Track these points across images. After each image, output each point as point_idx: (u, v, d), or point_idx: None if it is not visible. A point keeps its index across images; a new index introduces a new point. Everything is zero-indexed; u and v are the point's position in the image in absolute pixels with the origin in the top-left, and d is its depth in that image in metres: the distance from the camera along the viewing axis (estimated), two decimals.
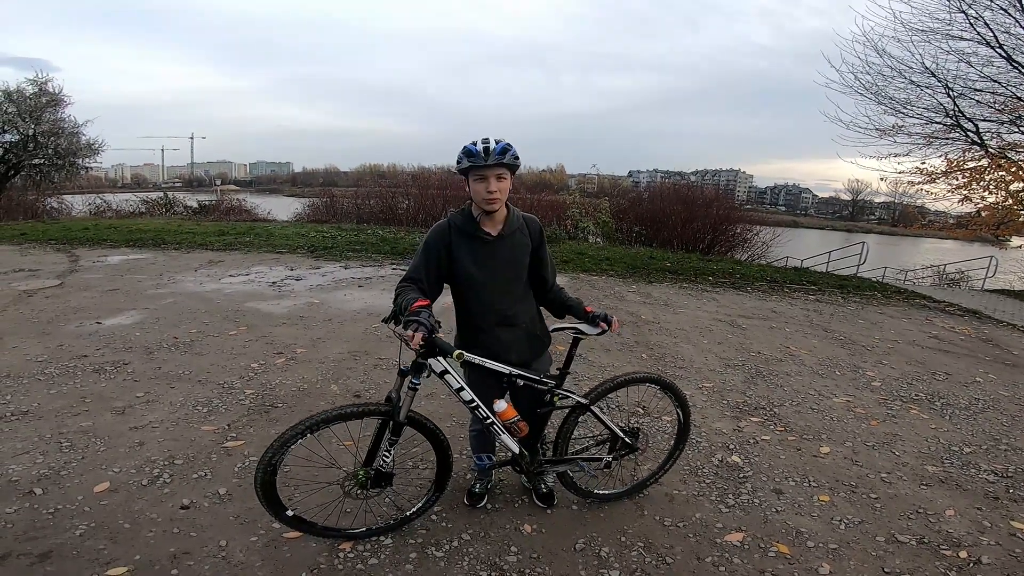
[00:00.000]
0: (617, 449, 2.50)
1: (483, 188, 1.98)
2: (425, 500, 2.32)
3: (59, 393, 3.44)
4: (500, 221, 2.13)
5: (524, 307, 2.25)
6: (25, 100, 15.44)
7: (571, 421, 2.38)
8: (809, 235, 44.12)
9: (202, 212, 16.91)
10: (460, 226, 2.11)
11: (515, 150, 1.98)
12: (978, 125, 10.64)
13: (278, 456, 1.90)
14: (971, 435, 3.61)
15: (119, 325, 4.87)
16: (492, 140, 1.94)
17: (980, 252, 14.75)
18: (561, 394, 2.28)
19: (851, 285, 8.93)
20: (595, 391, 2.36)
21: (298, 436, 1.91)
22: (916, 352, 5.45)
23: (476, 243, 2.11)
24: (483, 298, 2.15)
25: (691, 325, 5.85)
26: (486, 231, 2.11)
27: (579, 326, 2.24)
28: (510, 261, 2.16)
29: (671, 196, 15.98)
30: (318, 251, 9.11)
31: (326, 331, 4.98)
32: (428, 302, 1.95)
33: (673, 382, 2.53)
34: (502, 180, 1.99)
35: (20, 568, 1.99)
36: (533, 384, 2.20)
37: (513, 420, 2.15)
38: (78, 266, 7.44)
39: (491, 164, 1.93)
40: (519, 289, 2.23)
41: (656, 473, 2.70)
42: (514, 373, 2.14)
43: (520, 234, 2.18)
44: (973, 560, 2.33)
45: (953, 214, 14.01)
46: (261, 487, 1.93)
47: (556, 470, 2.43)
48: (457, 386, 2.10)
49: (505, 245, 2.14)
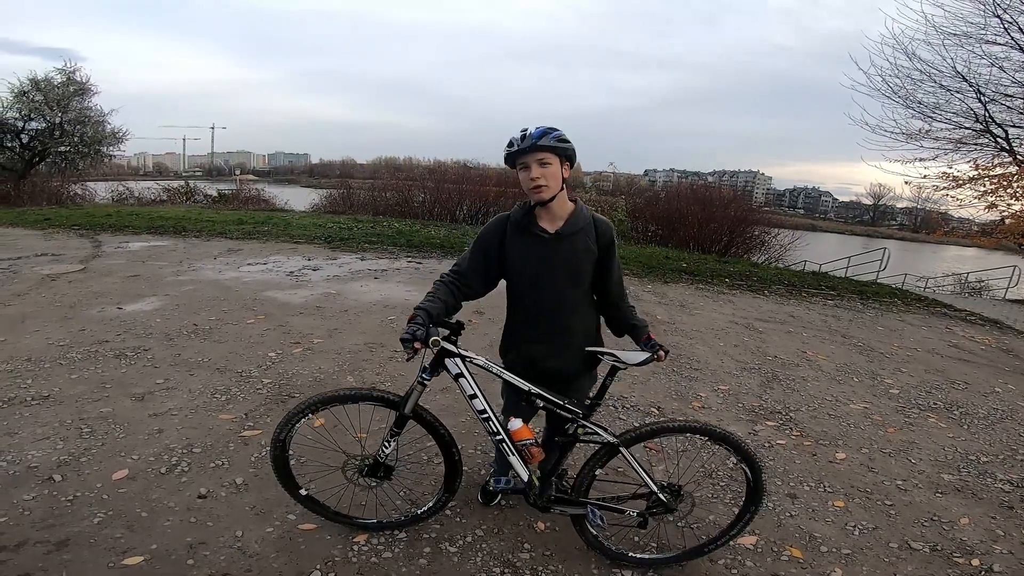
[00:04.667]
0: (650, 507, 2.12)
1: (527, 176, 1.86)
2: (435, 501, 2.26)
3: (80, 378, 3.49)
4: (560, 218, 1.96)
5: (579, 318, 2.06)
6: (53, 89, 15.73)
7: (595, 460, 2.05)
8: (828, 239, 43.49)
9: (221, 201, 17.09)
10: (517, 220, 1.98)
11: (560, 133, 1.84)
12: (1007, 131, 10.43)
13: (286, 432, 2.00)
14: (988, 444, 3.57)
15: (140, 311, 4.94)
16: (532, 127, 1.84)
17: (1003, 261, 14.48)
18: (588, 428, 2.01)
19: (870, 291, 8.80)
20: (630, 432, 2.03)
21: (304, 412, 1.99)
22: (935, 360, 5.37)
23: (530, 240, 1.97)
24: (531, 301, 2.02)
25: (707, 327, 5.81)
26: (542, 227, 1.96)
27: (617, 352, 1.92)
28: (567, 264, 1.97)
29: (688, 196, 15.85)
30: (335, 242, 9.17)
31: (342, 322, 5.02)
32: (426, 308, 1.87)
33: (731, 434, 2.03)
34: (547, 166, 1.84)
35: (37, 556, 2.00)
36: (555, 409, 1.99)
37: (526, 443, 1.99)
38: (101, 252, 7.56)
39: (528, 148, 1.82)
40: (576, 297, 2.03)
41: (715, 540, 2.19)
42: (534, 392, 1.96)
43: (584, 236, 1.97)
44: (985, 568, 2.33)
45: (978, 221, 13.77)
46: (274, 463, 2.07)
47: (566, 511, 2.13)
48: (470, 392, 1.98)
49: (563, 245, 1.95)
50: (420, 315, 1.84)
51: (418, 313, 1.85)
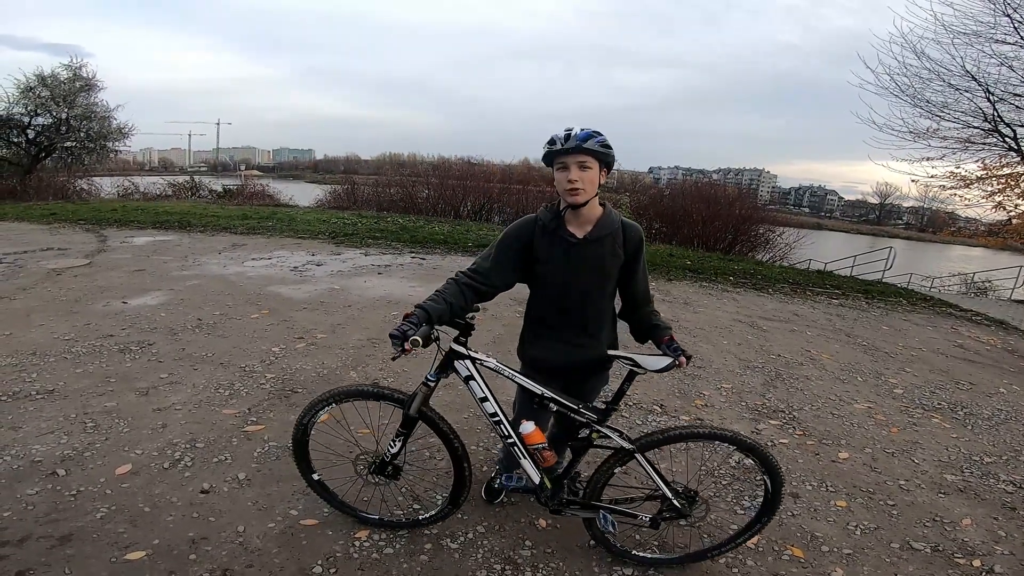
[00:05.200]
0: (663, 511, 2.10)
1: (564, 177, 1.80)
2: (438, 511, 2.24)
3: (84, 372, 3.51)
4: (590, 222, 1.92)
5: (602, 321, 2.05)
6: (59, 84, 15.82)
7: (609, 465, 2.02)
8: (833, 238, 43.30)
9: (226, 196, 17.15)
10: (545, 223, 1.93)
11: (604, 138, 1.80)
12: (1016, 131, 10.37)
13: (309, 417, 2.08)
14: (992, 445, 3.55)
15: (144, 305, 4.97)
16: (577, 128, 1.79)
17: (1009, 261, 14.38)
18: (602, 433, 1.97)
19: (875, 291, 8.77)
20: (647, 438, 2.01)
21: (326, 402, 2.05)
22: (940, 361, 5.34)
23: (558, 244, 1.92)
24: (555, 305, 2.00)
25: (711, 325, 5.80)
26: (571, 232, 1.92)
27: (636, 357, 1.87)
28: (594, 270, 1.94)
29: (693, 194, 15.81)
30: (339, 237, 9.18)
31: (346, 317, 5.03)
32: (426, 307, 1.81)
33: (757, 443, 2.00)
34: (586, 169, 1.80)
35: (40, 550, 2.00)
36: (569, 413, 1.96)
37: (538, 446, 1.97)
38: (106, 246, 7.59)
39: (571, 149, 1.77)
40: (601, 302, 2.02)
41: (722, 545, 2.19)
42: (547, 396, 1.92)
43: (612, 241, 1.94)
44: (986, 569, 2.32)
45: (985, 221, 13.69)
46: (295, 445, 2.15)
47: (578, 514, 2.12)
48: (481, 395, 1.95)
49: (591, 250, 1.92)
50: (417, 314, 1.78)
51: (416, 312, 1.79)
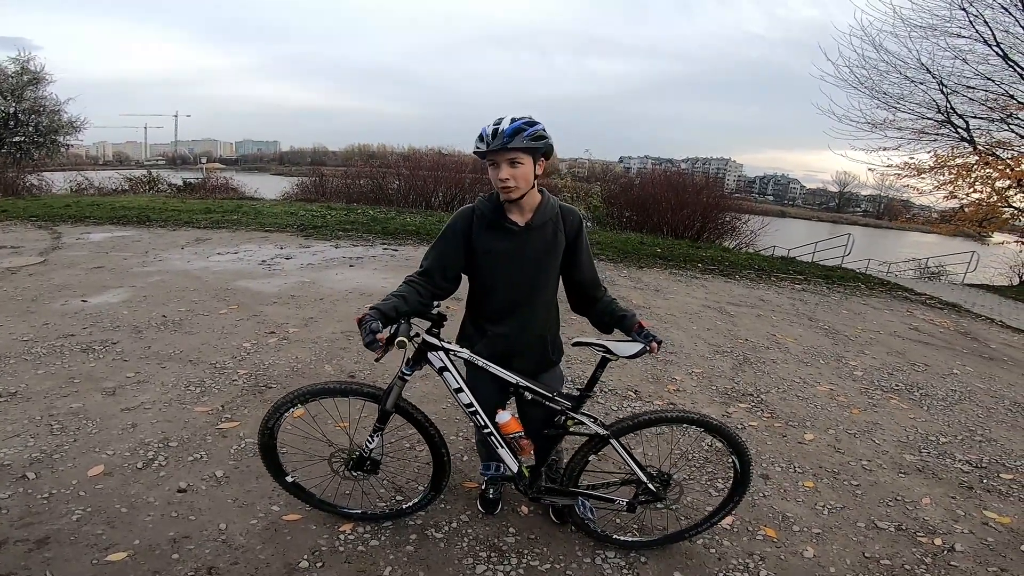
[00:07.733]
0: (639, 495, 2.13)
1: (495, 174, 1.77)
2: (421, 498, 2.24)
3: (47, 373, 3.39)
4: (530, 210, 1.89)
5: (545, 312, 2.03)
6: (6, 78, 15.20)
7: (585, 452, 2.05)
8: (796, 225, 44.54)
9: (187, 190, 16.60)
10: (484, 213, 1.90)
11: (535, 129, 1.72)
12: (968, 122, 10.82)
13: (274, 420, 2.00)
14: (947, 426, 3.71)
15: (106, 303, 4.81)
16: (507, 120, 1.73)
17: (962, 247, 15.01)
18: (577, 419, 1.99)
19: (836, 276, 9.07)
20: (621, 423, 2.03)
21: (293, 402, 1.98)
22: (897, 343, 5.57)
23: (500, 234, 1.89)
24: (500, 296, 1.95)
25: (681, 311, 5.92)
26: (512, 220, 1.88)
27: (607, 344, 1.86)
28: (537, 257, 1.92)
29: (662, 183, 15.95)
30: (308, 230, 9.02)
31: (318, 310, 4.96)
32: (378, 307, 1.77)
33: (724, 425, 2.06)
34: (518, 166, 1.74)
35: (18, 554, 1.96)
36: (543, 401, 1.96)
37: (515, 435, 1.98)
38: (61, 243, 7.29)
39: (498, 148, 1.71)
40: (544, 290, 1.98)
41: (698, 526, 2.25)
42: (522, 384, 1.93)
43: (553, 226, 1.92)
44: (947, 547, 2.42)
45: (938, 209, 14.27)
46: (261, 449, 2.07)
47: (556, 501, 2.14)
48: (455, 386, 1.95)
49: (534, 238, 1.90)
50: (371, 314, 1.74)
51: (369, 313, 1.75)
